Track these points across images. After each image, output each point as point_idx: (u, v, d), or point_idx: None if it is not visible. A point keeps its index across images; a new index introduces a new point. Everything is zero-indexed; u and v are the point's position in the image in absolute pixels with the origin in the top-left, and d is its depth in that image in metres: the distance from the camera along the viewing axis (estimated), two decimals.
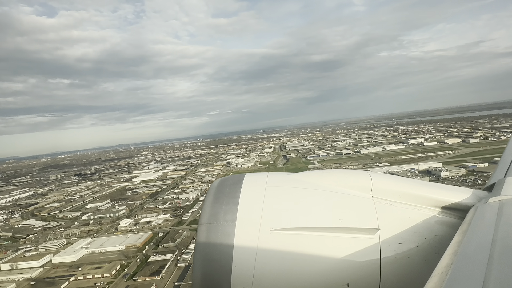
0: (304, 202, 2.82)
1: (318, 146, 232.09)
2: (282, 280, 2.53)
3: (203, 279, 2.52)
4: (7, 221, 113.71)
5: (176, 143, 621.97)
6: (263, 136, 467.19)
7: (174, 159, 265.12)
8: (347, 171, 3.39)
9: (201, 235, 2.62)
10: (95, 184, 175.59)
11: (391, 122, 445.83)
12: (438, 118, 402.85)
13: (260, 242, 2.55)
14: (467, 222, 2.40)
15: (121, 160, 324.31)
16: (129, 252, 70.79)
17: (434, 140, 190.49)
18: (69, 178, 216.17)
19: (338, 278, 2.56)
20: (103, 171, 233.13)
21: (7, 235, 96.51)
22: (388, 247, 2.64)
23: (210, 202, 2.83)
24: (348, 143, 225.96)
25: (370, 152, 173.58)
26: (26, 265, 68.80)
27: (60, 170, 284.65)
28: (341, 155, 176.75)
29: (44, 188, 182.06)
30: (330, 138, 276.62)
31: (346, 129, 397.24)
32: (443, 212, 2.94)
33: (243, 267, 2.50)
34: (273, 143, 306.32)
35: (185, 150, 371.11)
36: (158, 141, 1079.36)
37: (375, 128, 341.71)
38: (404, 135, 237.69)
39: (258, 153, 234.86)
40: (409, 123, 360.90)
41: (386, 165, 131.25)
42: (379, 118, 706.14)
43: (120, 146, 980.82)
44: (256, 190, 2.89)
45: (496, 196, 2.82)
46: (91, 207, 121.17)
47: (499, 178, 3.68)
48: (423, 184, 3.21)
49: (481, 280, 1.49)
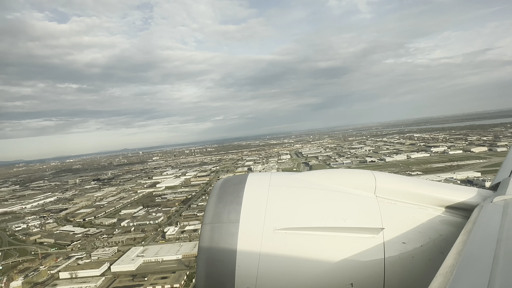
0: (308, 202, 2.81)
1: (336, 153, 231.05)
2: (286, 280, 2.52)
3: (207, 279, 2.51)
4: (42, 226, 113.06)
5: (183, 148, 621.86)
6: (271, 142, 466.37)
7: (190, 165, 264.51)
8: (351, 170, 3.34)
9: (204, 235, 2.61)
10: (118, 189, 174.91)
11: (401, 129, 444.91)
12: (450, 125, 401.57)
13: (263, 242, 2.54)
14: (472, 222, 2.39)
15: (133, 165, 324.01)
16: (188, 261, 70.01)
17: (458, 148, 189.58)
18: (88, 183, 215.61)
19: (342, 278, 2.54)
20: (121, 176, 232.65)
21: (50, 241, 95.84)
22: (392, 247, 2.63)
23: (213, 202, 2.81)
24: (367, 150, 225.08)
25: (395, 160, 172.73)
26: (85, 274, 68.04)
27: (74, 174, 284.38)
28: (366, 162, 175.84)
29: (67, 193, 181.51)
30: (345, 145, 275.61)
31: (356, 136, 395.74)
32: (448, 212, 2.92)
33: (247, 267, 2.48)
34: (287, 150, 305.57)
35: (196, 155, 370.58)
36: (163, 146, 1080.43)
37: (389, 135, 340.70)
38: (422, 143, 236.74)
39: (276, 159, 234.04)
40: (421, 131, 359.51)
41: (419, 174, 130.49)
42: (385, 125, 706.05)
43: (126, 150, 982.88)
44: (260, 190, 2.87)
45: (501, 195, 2.79)
46: (125, 214, 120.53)
47: (504, 177, 3.64)
48: (427, 183, 3.16)
49: (486, 280, 1.48)
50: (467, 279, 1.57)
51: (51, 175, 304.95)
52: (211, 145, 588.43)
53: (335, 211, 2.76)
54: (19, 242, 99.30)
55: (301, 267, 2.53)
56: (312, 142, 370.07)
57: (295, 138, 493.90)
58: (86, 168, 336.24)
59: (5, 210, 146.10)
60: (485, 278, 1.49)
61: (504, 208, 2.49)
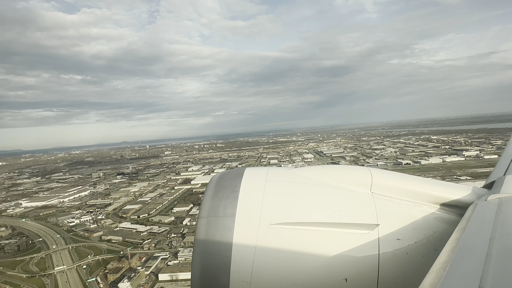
0: (304, 197, 2.82)
1: (360, 153, 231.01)
2: (280, 274, 2.54)
3: (202, 272, 2.53)
4: (97, 223, 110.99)
5: (187, 142, 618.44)
6: (280, 139, 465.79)
7: (211, 161, 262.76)
8: (347, 166, 3.40)
9: (200, 229, 2.63)
10: (151, 185, 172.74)
11: (410, 130, 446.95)
12: (460, 128, 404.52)
13: (259, 236, 2.56)
14: (466, 219, 2.41)
15: (148, 159, 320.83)
16: None
17: (489, 153, 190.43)
18: (113, 177, 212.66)
19: (336, 273, 2.56)
20: (143, 171, 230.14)
21: (117, 239, 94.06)
22: (387, 243, 2.65)
23: (210, 196, 2.83)
24: (393, 151, 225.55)
25: (431, 163, 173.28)
26: (185, 276, 66.76)
27: (91, 167, 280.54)
28: (401, 165, 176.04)
29: (98, 187, 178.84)
30: (363, 145, 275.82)
31: (367, 136, 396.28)
32: (442, 209, 2.94)
33: (242, 261, 2.51)
34: (303, 148, 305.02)
35: (209, 151, 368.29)
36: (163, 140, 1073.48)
37: (402, 136, 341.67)
38: (447, 145, 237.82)
39: (299, 158, 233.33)
40: (432, 132, 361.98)
41: (468, 179, 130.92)
42: (388, 125, 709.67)
43: (125, 143, 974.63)
44: (256, 185, 2.88)
45: (495, 193, 2.82)
46: (179, 211, 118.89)
47: (499, 175, 3.67)
48: (422, 180, 3.20)
49: (479, 276, 1.49)
50: (460, 276, 1.58)
51: (65, 166, 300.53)
52: (216, 140, 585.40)
53: (331, 206, 2.78)
54: (83, 238, 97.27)
55: (296, 261, 2.55)
56: (325, 141, 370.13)
57: (302, 136, 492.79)
58: (99, 161, 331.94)
59: (44, 204, 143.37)
60: (478, 275, 1.50)
61: (498, 206, 2.51)
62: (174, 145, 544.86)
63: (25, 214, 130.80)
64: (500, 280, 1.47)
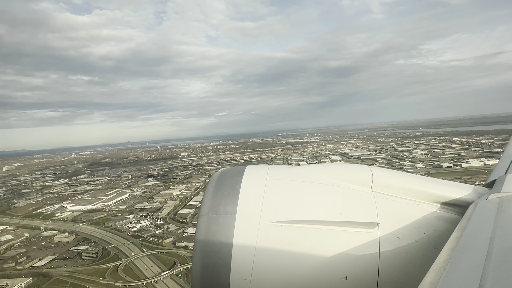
0: (304, 195, 2.83)
1: (390, 156, 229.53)
2: (281, 272, 2.54)
3: (202, 270, 2.54)
4: (160, 228, 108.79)
5: (195, 143, 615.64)
6: (292, 140, 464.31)
7: (235, 163, 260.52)
8: (348, 165, 3.38)
9: (201, 227, 2.64)
10: (190, 187, 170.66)
11: (424, 131, 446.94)
12: (476, 129, 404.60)
13: (260, 234, 2.56)
14: (467, 218, 2.41)
15: (167, 160, 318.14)
16: None
17: None
18: (144, 179, 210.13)
19: (336, 271, 2.56)
20: (172, 173, 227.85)
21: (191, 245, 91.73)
22: (387, 242, 2.65)
23: (210, 194, 2.83)
24: (423, 154, 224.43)
25: (472, 166, 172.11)
26: None
27: (112, 169, 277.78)
28: (442, 168, 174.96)
29: (134, 190, 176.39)
30: (385, 147, 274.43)
31: (381, 136, 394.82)
32: (443, 208, 2.95)
33: (242, 259, 2.51)
34: (325, 150, 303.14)
35: (226, 152, 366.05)
36: (168, 140, 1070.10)
37: (421, 137, 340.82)
38: (477, 147, 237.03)
39: (328, 160, 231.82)
40: (447, 133, 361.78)
41: None
42: (397, 126, 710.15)
43: (129, 143, 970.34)
44: (257, 183, 2.89)
45: (496, 192, 2.82)
46: None
47: (499, 175, 3.68)
48: (423, 179, 3.21)
49: (479, 275, 1.49)
50: (460, 275, 1.58)
51: (85, 168, 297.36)
52: (225, 141, 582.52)
53: (331, 205, 2.78)
54: (154, 245, 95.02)
55: (296, 259, 2.55)
56: (341, 142, 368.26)
57: (312, 137, 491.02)
58: (118, 162, 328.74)
59: (91, 207, 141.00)
60: (478, 274, 1.50)
61: (499, 205, 2.52)
62: (184, 146, 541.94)
63: (75, 218, 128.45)
64: (500, 279, 1.47)
